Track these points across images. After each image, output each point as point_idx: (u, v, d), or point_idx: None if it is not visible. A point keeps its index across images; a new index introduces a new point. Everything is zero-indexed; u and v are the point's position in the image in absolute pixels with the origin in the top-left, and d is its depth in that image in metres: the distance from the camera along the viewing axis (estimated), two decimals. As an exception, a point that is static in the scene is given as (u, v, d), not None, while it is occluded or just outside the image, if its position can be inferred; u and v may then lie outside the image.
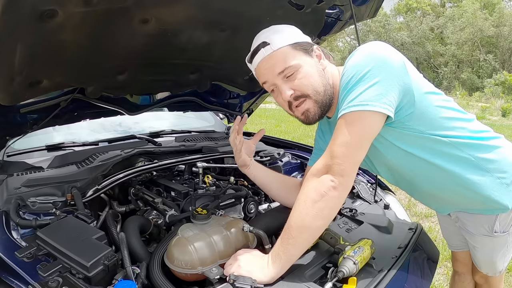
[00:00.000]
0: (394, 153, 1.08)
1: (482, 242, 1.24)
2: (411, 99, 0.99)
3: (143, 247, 1.12)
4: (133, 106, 1.81)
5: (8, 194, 1.25)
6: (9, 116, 1.47)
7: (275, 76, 1.05)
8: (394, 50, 1.00)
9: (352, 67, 0.97)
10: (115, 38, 1.26)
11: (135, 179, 1.49)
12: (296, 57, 1.04)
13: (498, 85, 17.60)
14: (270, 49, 1.04)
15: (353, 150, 0.96)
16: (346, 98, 0.96)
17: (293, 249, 0.97)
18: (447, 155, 1.05)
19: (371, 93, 0.93)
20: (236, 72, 1.93)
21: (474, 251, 1.30)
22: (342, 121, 0.96)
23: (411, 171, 1.12)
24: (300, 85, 1.04)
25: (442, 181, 1.10)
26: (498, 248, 1.23)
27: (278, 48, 1.04)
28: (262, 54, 1.05)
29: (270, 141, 2.35)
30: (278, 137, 2.55)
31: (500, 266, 1.28)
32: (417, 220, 3.46)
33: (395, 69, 0.96)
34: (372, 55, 0.97)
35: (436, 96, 1.05)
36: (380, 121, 0.97)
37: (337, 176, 0.94)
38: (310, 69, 1.05)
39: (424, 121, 1.02)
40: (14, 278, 0.93)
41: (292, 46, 1.05)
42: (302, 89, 1.05)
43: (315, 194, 0.95)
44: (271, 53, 1.04)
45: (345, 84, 0.98)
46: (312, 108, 1.07)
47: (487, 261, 1.29)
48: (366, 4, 1.65)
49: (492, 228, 1.17)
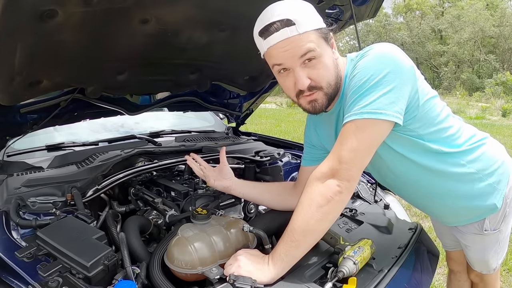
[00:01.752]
0: (389, 155, 1.09)
1: (473, 241, 1.24)
2: (416, 103, 1.00)
3: (143, 247, 1.11)
4: (133, 106, 1.81)
5: (8, 194, 1.25)
6: (9, 116, 1.47)
7: (296, 59, 0.95)
8: (404, 53, 1.00)
9: (366, 69, 0.95)
10: (115, 38, 1.26)
11: (135, 179, 1.49)
12: (319, 45, 0.96)
13: (498, 85, 17.60)
14: (296, 30, 0.92)
15: (361, 156, 0.96)
16: (359, 103, 0.94)
17: (295, 252, 0.97)
18: (438, 160, 1.07)
19: (385, 101, 0.92)
20: (236, 72, 1.93)
21: (466, 249, 1.30)
22: (352, 126, 0.95)
23: (403, 174, 1.13)
24: (318, 76, 0.98)
25: (432, 188, 1.13)
26: (490, 246, 1.23)
27: (305, 32, 0.93)
28: (286, 34, 0.92)
29: (270, 141, 2.35)
30: (278, 137, 2.55)
31: (493, 263, 1.28)
32: (417, 220, 3.46)
33: (408, 75, 0.96)
34: (386, 59, 0.95)
35: (435, 100, 1.06)
36: (389, 129, 0.97)
37: (344, 181, 0.94)
38: (328, 61, 0.99)
39: (423, 124, 1.03)
40: (14, 278, 0.93)
41: (317, 31, 0.96)
42: (318, 80, 0.99)
43: (320, 198, 0.95)
44: (296, 35, 0.92)
45: (357, 86, 0.95)
46: (320, 99, 1.02)
47: (479, 259, 1.29)
48: (366, 4, 1.65)
49: (482, 227, 1.17)
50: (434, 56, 26.38)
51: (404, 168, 1.10)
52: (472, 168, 1.09)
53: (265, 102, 5.92)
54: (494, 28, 22.70)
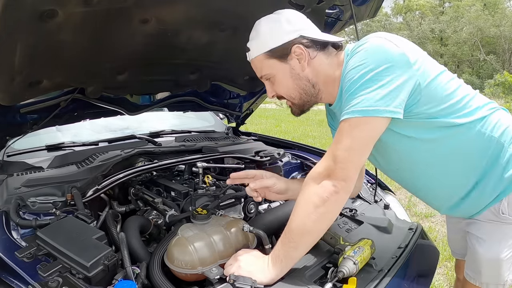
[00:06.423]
0: (397, 142, 1.06)
1: (489, 232, 1.11)
2: (417, 88, 0.97)
3: (143, 247, 1.11)
4: (133, 106, 1.81)
5: (8, 194, 1.25)
6: (9, 116, 1.47)
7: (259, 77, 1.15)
8: (393, 41, 0.97)
9: (357, 66, 0.96)
10: (115, 38, 1.26)
11: (135, 179, 1.49)
12: (270, 66, 1.09)
13: (498, 85, 17.58)
14: (249, 56, 1.12)
15: (357, 155, 0.96)
16: (351, 101, 0.94)
17: (294, 252, 0.97)
18: (456, 135, 1.03)
19: (377, 97, 0.92)
20: (236, 72, 1.93)
21: (477, 248, 1.14)
22: (346, 125, 0.95)
23: (414, 160, 1.09)
24: (278, 90, 1.13)
25: (446, 169, 1.07)
26: (506, 240, 1.09)
27: (255, 57, 1.10)
28: (248, 57, 1.13)
29: (270, 141, 2.35)
30: (278, 137, 2.55)
31: (505, 271, 1.11)
32: (417, 220, 3.46)
33: (400, 64, 0.94)
34: (377, 54, 0.95)
35: (441, 78, 1.02)
36: (385, 124, 0.97)
37: (340, 181, 0.94)
38: (283, 77, 1.09)
39: (432, 104, 1.00)
40: (14, 278, 0.93)
41: (266, 55, 1.07)
42: (280, 93, 1.14)
43: (316, 199, 0.95)
44: (251, 59, 1.12)
45: (349, 84, 0.96)
46: (292, 106, 1.17)
47: (491, 259, 1.11)
48: (366, 4, 1.65)
49: (499, 210, 1.07)
50: (434, 56, 26.31)
51: (415, 150, 1.07)
52: (493, 134, 1.03)
53: (265, 102, 5.93)
54: (494, 29, 22.71)
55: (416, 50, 1.01)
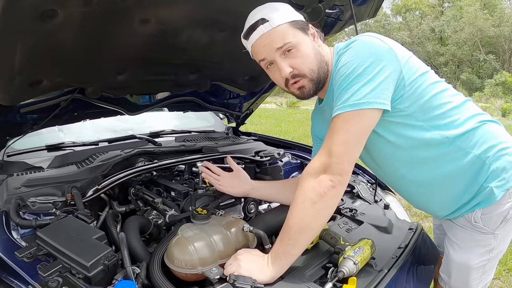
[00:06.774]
0: (378, 144, 1.09)
1: (463, 237, 1.13)
2: (401, 83, 1.00)
3: (143, 247, 1.11)
4: (133, 106, 1.81)
5: (8, 194, 1.25)
6: (9, 116, 1.47)
7: (274, 52, 1.04)
8: (382, 39, 1.01)
9: (348, 62, 0.99)
10: (115, 38, 1.26)
11: (135, 179, 1.49)
12: (295, 35, 1.04)
13: (498, 85, 17.59)
14: (269, 26, 1.02)
15: (351, 148, 0.97)
16: (343, 97, 0.97)
17: (293, 249, 0.98)
18: (432, 141, 1.04)
19: (367, 89, 0.94)
20: (236, 72, 1.93)
21: (451, 251, 1.17)
22: (339, 119, 0.97)
23: (391, 158, 1.11)
24: (298, 63, 1.05)
25: (426, 173, 1.09)
26: (478, 250, 1.10)
27: (278, 25, 1.02)
28: (261, 31, 1.03)
29: (270, 141, 2.35)
30: (278, 137, 2.55)
31: (474, 279, 1.13)
32: (417, 220, 3.46)
33: (388, 58, 0.97)
34: (365, 50, 0.98)
35: (425, 76, 1.05)
36: (377, 116, 0.99)
37: (336, 175, 0.95)
38: (307, 48, 1.05)
39: (413, 102, 1.02)
40: (14, 278, 0.93)
41: (290, 24, 1.04)
42: (300, 68, 1.05)
43: (313, 194, 0.95)
44: (270, 30, 1.02)
45: (341, 80, 0.99)
46: (307, 85, 1.08)
47: (462, 265, 1.13)
48: (366, 4, 1.65)
49: (472, 218, 1.08)
50: (434, 56, 26.38)
51: (394, 155, 1.09)
52: (476, 150, 1.03)
53: (265, 102, 5.91)
54: (493, 28, 22.70)
55: (403, 49, 1.05)
